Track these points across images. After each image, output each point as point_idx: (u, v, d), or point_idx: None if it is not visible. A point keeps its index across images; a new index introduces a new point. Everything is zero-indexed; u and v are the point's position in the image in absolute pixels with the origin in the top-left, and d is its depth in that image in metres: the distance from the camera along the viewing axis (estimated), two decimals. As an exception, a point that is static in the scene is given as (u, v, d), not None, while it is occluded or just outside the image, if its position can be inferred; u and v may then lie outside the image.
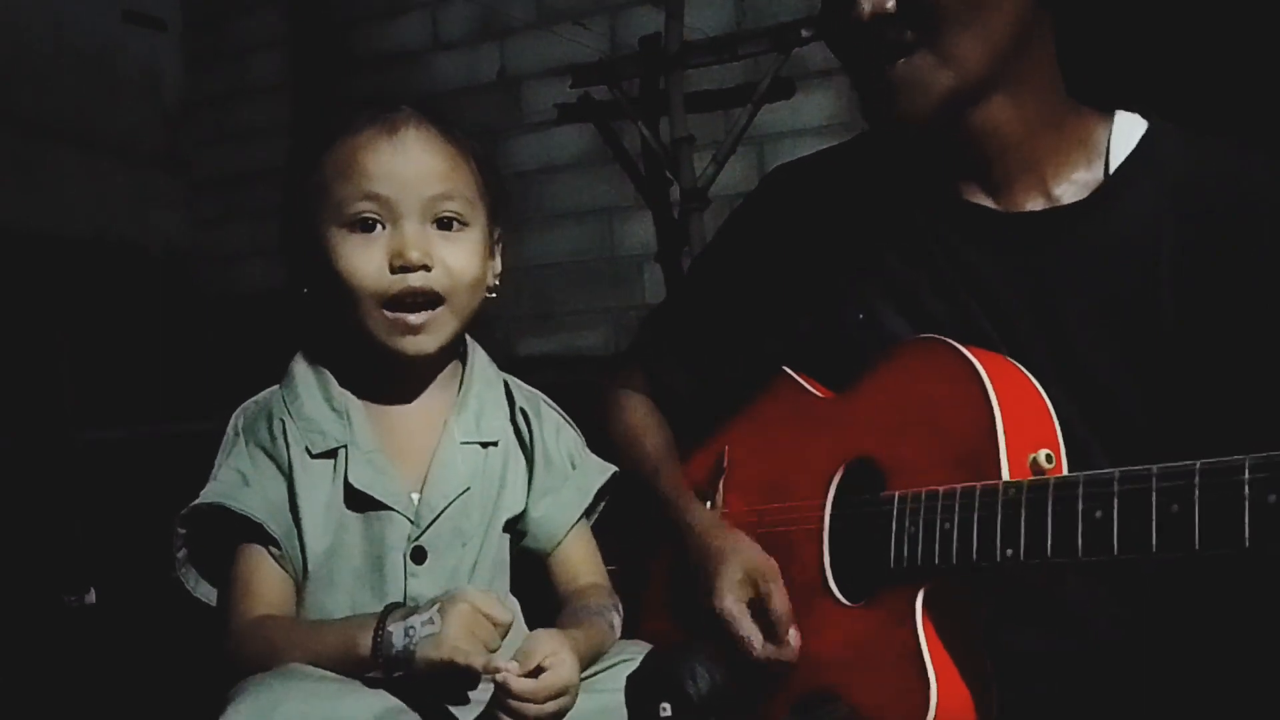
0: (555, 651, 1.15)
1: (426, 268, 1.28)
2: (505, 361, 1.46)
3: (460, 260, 1.31)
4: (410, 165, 1.28)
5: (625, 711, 1.20)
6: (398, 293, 1.28)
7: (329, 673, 1.15)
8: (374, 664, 1.15)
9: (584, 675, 1.22)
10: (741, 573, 1.29)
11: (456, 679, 1.13)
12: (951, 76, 1.23)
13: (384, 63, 4.00)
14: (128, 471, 3.05)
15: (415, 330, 1.29)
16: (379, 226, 1.28)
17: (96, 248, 3.96)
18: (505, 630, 1.17)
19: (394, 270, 1.27)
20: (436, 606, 1.15)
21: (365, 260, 1.28)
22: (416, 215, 1.29)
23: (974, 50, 1.22)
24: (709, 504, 1.44)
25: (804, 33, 3.11)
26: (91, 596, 2.82)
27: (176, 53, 4.39)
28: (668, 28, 3.35)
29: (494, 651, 1.15)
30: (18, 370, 3.34)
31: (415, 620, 1.15)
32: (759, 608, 1.28)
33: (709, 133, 3.39)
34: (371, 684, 1.14)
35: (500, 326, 3.60)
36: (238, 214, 4.22)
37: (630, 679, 1.21)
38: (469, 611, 1.14)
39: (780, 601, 1.27)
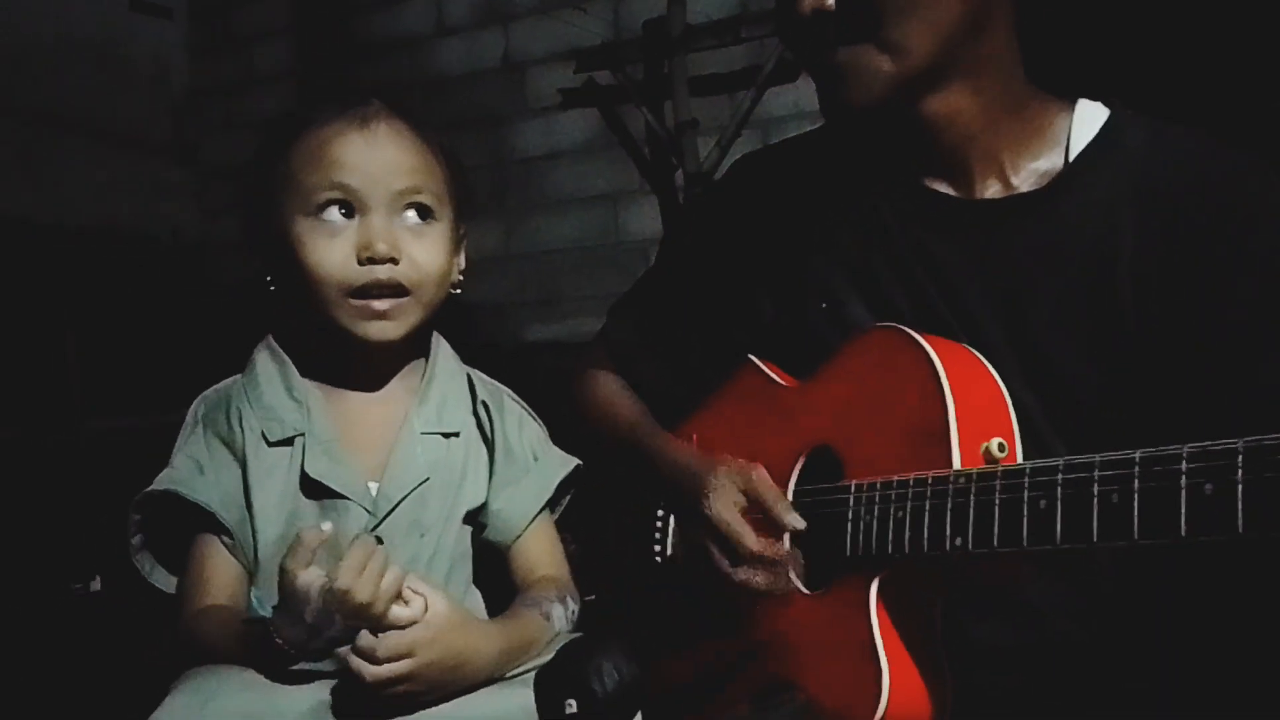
0: (424, 616, 1.14)
1: (394, 260, 1.28)
2: (511, 348, 1.45)
3: (427, 254, 1.31)
4: (380, 158, 1.29)
5: None
6: (364, 284, 1.28)
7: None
8: (288, 659, 1.14)
9: (519, 670, 1.22)
10: (727, 479, 1.27)
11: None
12: (895, 64, 1.21)
13: (389, 49, 3.99)
14: (133, 460, 3.07)
15: (381, 316, 1.29)
16: (346, 217, 1.28)
17: (104, 237, 3.99)
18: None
19: (361, 262, 1.27)
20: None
21: (332, 251, 1.28)
22: (384, 208, 1.28)
23: (918, 39, 1.20)
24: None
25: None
26: (97, 584, 2.85)
27: (183, 41, 4.41)
28: (671, 11, 3.33)
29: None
30: (25, 360, 3.37)
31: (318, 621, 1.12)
32: (752, 505, 1.26)
33: (713, 116, 3.36)
34: (304, 679, 1.15)
35: (505, 313, 3.60)
36: (247, 202, 4.23)
37: (538, 674, 1.21)
38: (359, 607, 1.11)
39: (768, 490, 1.25)
